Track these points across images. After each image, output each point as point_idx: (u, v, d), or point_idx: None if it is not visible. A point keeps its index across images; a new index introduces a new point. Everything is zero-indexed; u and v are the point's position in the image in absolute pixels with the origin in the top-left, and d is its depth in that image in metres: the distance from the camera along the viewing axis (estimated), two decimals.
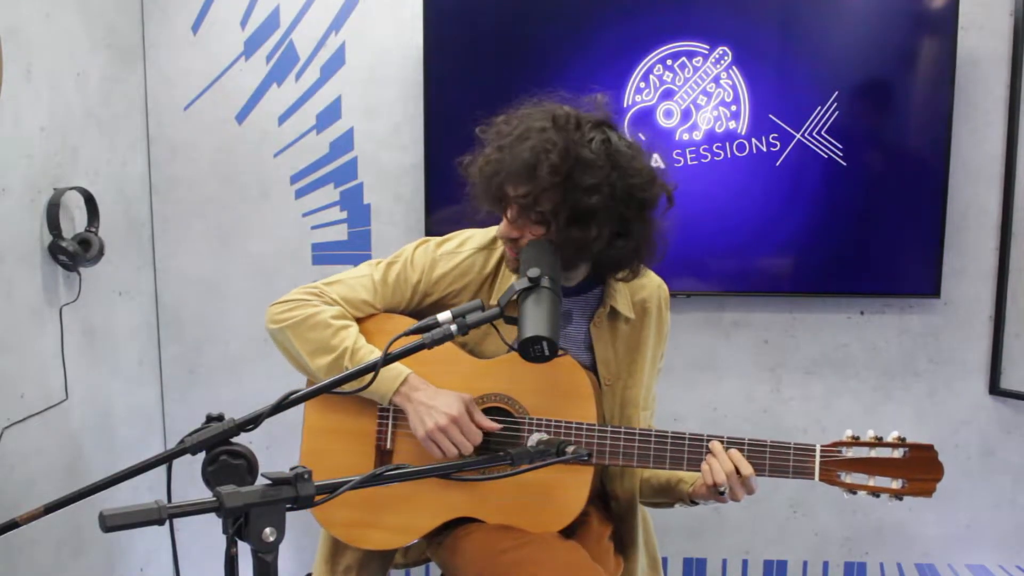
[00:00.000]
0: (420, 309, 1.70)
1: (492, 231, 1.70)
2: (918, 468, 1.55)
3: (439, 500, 1.63)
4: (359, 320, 1.66)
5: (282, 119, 2.66)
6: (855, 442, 1.56)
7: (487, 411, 1.63)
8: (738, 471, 1.54)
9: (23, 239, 2.10)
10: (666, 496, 1.74)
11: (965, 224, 2.60)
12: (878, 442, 1.56)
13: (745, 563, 2.80)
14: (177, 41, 2.64)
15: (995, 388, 2.65)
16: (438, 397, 1.57)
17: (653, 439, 1.59)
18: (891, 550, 2.76)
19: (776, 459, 1.57)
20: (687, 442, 1.59)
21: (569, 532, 1.62)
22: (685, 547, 2.79)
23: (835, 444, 1.57)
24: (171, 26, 2.63)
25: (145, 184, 2.68)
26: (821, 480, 1.57)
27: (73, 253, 2.17)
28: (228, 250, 2.72)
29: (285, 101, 2.65)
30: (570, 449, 1.34)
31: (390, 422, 1.66)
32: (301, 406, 1.67)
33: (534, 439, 1.49)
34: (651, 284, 1.74)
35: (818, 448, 1.57)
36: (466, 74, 2.52)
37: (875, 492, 1.55)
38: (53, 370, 2.20)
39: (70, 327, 2.25)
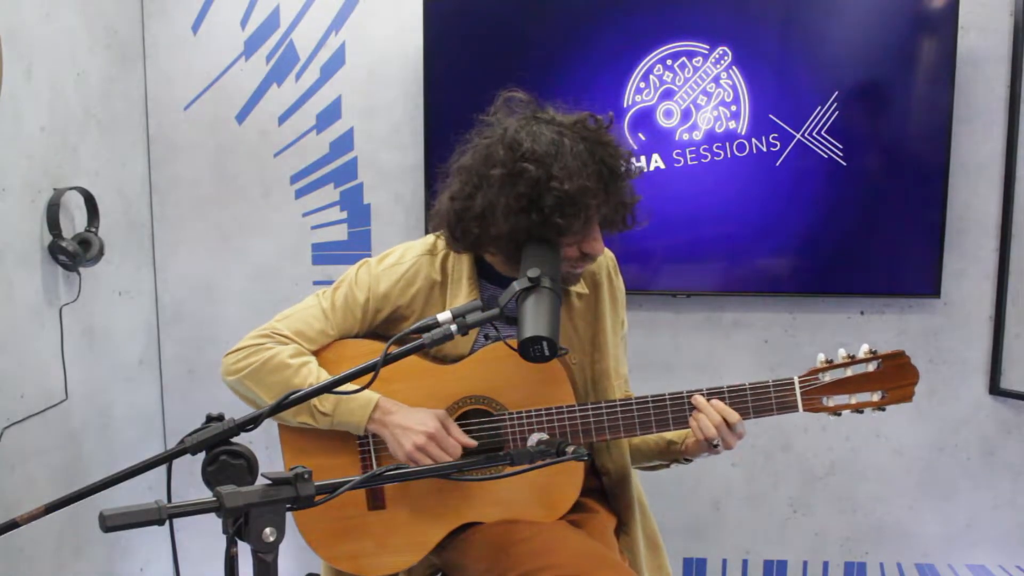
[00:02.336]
0: (374, 328, 1.68)
1: (431, 239, 1.70)
2: (894, 376, 1.57)
3: (439, 512, 1.63)
4: (316, 352, 1.64)
5: (282, 119, 2.67)
6: (830, 365, 1.58)
7: (466, 414, 1.63)
8: (726, 421, 1.55)
9: (23, 239, 2.10)
10: (660, 458, 1.74)
11: (965, 224, 2.60)
12: (851, 360, 1.58)
13: (745, 563, 2.80)
14: (177, 41, 2.64)
15: (995, 388, 2.65)
16: (412, 416, 1.57)
17: (635, 406, 1.59)
18: (891, 550, 2.76)
19: (758, 400, 1.58)
20: (668, 402, 1.59)
21: (577, 526, 1.63)
22: (685, 547, 2.79)
23: (811, 372, 1.58)
24: (171, 26, 2.63)
25: (145, 184, 2.68)
26: (805, 410, 1.58)
27: (73, 253, 2.17)
28: (228, 250, 2.72)
29: (285, 101, 2.65)
30: (570, 449, 1.34)
31: (371, 449, 1.65)
32: (277, 444, 1.67)
33: (534, 439, 1.49)
34: None
35: (796, 380, 1.58)
36: (466, 74, 2.52)
37: (858, 409, 1.58)
38: (53, 370, 2.20)
39: (70, 327, 2.25)
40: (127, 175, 2.57)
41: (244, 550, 1.02)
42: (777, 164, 2.52)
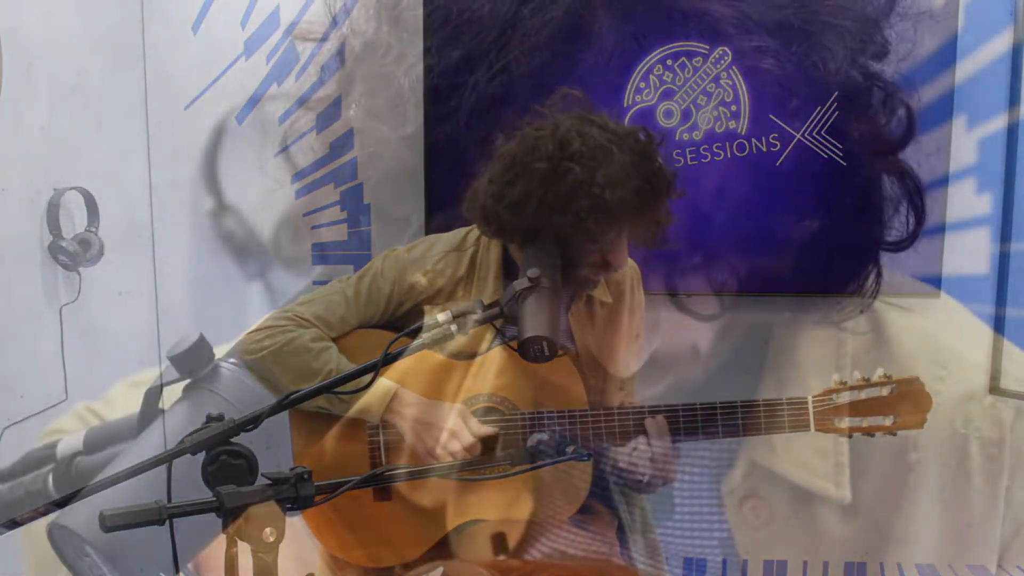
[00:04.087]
0: (395, 319, 1.68)
1: (460, 233, 1.70)
2: (907, 402, 1.58)
3: (444, 508, 1.63)
4: (337, 339, 1.64)
5: (282, 119, 2.66)
6: (844, 387, 1.57)
7: (477, 413, 1.63)
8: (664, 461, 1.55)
9: (23, 239, 2.10)
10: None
11: (965, 224, 2.60)
12: (866, 383, 1.58)
13: (745, 563, 2.79)
14: (177, 41, 2.63)
15: (995, 388, 2.65)
16: (432, 412, 1.57)
17: (648, 414, 1.60)
18: (891, 550, 2.75)
19: (770, 417, 1.58)
20: (681, 414, 1.60)
21: (580, 526, 1.63)
22: (685, 547, 2.79)
23: (826, 392, 1.58)
24: (171, 26, 2.63)
25: (145, 184, 2.68)
26: (817, 430, 1.57)
27: (73, 253, 2.17)
28: (228, 250, 2.72)
29: (285, 101, 2.65)
30: (570, 449, 1.34)
31: (381, 439, 1.65)
32: (287, 433, 1.67)
33: (534, 439, 1.49)
34: None
35: (810, 399, 1.58)
36: (467, 74, 2.52)
37: (870, 432, 1.57)
38: (53, 370, 2.20)
39: (70, 327, 2.25)
40: (127, 175, 2.57)
41: (244, 550, 1.02)
42: (777, 164, 2.52)
